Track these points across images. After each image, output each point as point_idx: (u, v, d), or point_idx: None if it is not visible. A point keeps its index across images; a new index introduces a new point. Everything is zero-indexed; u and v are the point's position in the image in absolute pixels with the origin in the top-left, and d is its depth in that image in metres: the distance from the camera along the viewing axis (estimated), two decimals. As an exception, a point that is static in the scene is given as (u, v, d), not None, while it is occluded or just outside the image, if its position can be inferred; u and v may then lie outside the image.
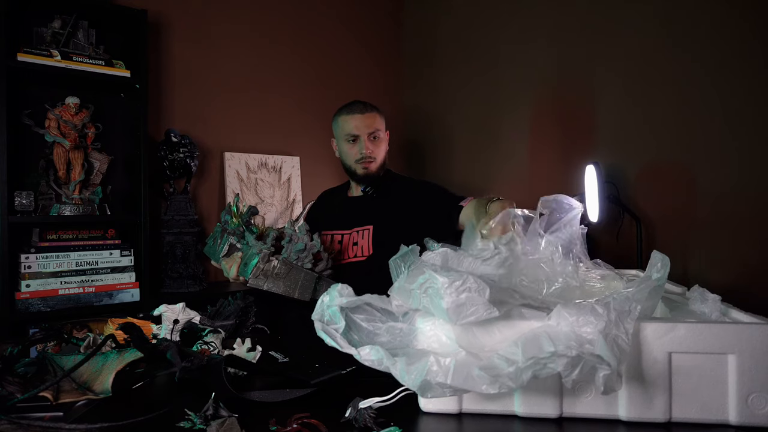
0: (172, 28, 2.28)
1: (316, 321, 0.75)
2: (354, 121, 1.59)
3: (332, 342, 0.72)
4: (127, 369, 0.86)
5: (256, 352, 0.99)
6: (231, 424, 0.68)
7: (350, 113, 1.61)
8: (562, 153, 1.93)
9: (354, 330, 0.77)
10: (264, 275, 1.17)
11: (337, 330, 0.74)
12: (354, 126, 1.59)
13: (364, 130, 1.58)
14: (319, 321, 0.75)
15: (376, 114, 1.62)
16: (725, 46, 1.38)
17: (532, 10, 2.06)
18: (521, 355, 0.65)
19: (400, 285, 0.76)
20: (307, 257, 1.22)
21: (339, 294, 0.76)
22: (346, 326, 0.75)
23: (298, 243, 1.22)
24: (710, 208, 1.42)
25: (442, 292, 0.68)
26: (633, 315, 0.66)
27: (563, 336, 0.66)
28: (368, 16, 2.84)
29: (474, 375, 0.63)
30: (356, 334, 0.76)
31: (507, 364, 0.64)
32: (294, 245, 1.22)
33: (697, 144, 1.46)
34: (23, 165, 1.90)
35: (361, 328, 0.77)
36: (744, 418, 0.66)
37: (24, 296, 1.76)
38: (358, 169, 1.60)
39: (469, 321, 0.68)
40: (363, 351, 0.69)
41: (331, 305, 0.76)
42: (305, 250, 1.22)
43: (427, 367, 0.64)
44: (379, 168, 1.61)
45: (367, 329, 0.77)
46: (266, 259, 1.17)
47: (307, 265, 1.22)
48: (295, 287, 1.20)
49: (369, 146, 1.58)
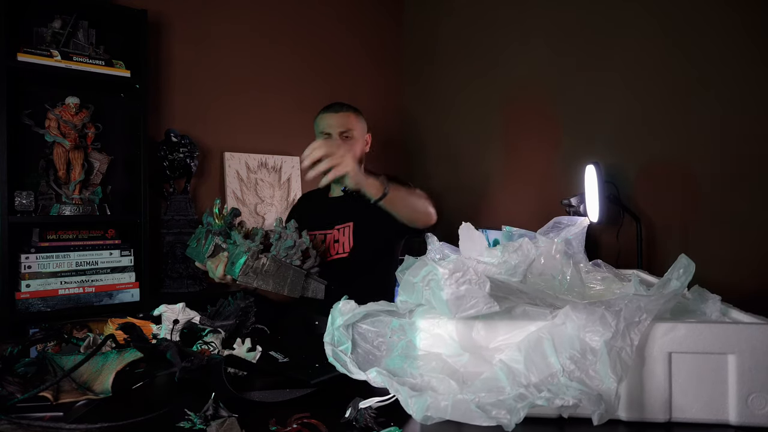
0: (172, 28, 2.28)
1: (327, 345, 0.78)
2: (327, 119, 1.64)
3: (343, 369, 0.75)
4: (127, 369, 0.86)
5: (256, 352, 0.99)
6: (231, 424, 0.68)
7: (326, 111, 1.67)
8: (562, 153, 1.93)
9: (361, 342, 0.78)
10: (253, 272, 1.18)
11: (345, 352, 0.76)
12: (327, 124, 1.64)
13: (336, 128, 1.62)
14: (330, 344, 0.77)
15: (351, 114, 1.66)
16: (725, 46, 1.38)
17: (532, 10, 2.06)
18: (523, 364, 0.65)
19: (406, 278, 0.76)
20: (296, 254, 1.23)
21: (340, 313, 0.78)
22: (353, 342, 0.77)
23: (288, 240, 1.23)
24: (710, 208, 1.42)
25: (442, 284, 0.68)
26: (642, 326, 0.65)
27: (567, 341, 0.66)
28: (368, 16, 2.84)
29: (472, 410, 0.64)
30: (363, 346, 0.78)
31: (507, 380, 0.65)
32: (283, 242, 1.23)
33: (697, 144, 1.46)
34: (23, 165, 1.90)
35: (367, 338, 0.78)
36: (744, 418, 0.66)
37: (24, 296, 1.76)
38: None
39: (468, 314, 0.68)
40: (370, 375, 0.71)
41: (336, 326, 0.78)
42: (294, 246, 1.23)
43: (427, 404, 0.65)
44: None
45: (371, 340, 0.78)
46: (255, 257, 1.18)
47: (296, 262, 1.23)
48: (284, 284, 1.21)
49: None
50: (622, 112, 1.68)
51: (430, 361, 0.71)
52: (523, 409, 0.61)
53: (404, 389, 0.67)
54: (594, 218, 1.54)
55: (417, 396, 0.66)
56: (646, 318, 0.66)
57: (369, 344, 0.78)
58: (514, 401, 0.63)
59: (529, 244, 0.88)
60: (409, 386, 0.68)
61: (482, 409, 0.63)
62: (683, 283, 0.72)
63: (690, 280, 0.72)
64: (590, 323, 0.66)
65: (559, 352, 0.66)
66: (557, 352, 0.66)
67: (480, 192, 2.34)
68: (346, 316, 0.77)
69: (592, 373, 0.64)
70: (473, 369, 0.70)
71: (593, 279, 0.94)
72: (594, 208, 1.54)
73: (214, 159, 2.38)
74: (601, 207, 1.53)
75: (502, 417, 0.62)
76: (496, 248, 0.90)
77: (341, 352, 0.76)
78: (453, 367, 0.70)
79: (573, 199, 1.62)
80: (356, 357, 0.76)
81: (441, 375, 0.68)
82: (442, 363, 0.71)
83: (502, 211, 2.22)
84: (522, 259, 0.85)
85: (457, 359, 0.70)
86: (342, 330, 0.77)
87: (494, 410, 0.62)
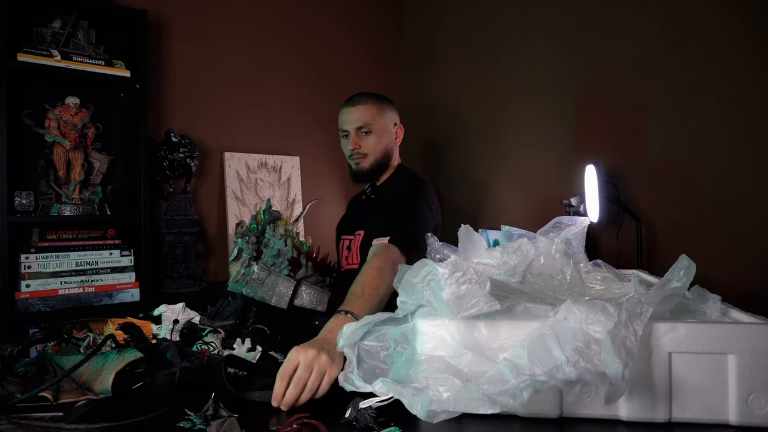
0: (172, 28, 2.28)
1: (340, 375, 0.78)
2: (344, 116, 1.56)
3: (351, 387, 0.75)
4: (127, 369, 0.86)
5: (256, 352, 0.99)
6: (231, 424, 0.68)
7: (344, 106, 1.57)
8: (562, 153, 1.93)
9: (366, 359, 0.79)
10: (243, 280, 1.15)
11: (352, 370, 0.76)
12: (343, 120, 1.55)
13: (352, 124, 1.53)
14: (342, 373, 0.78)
15: (372, 106, 1.53)
16: (725, 46, 1.38)
17: (532, 10, 2.06)
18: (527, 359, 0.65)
19: (405, 278, 0.76)
20: (283, 263, 1.19)
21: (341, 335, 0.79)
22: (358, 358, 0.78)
23: (273, 248, 1.19)
24: (710, 208, 1.42)
25: (443, 283, 0.68)
26: (644, 317, 0.65)
27: (570, 335, 0.66)
28: (368, 16, 2.84)
29: (475, 398, 0.63)
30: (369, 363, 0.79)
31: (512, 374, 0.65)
32: (269, 250, 1.19)
33: (697, 144, 1.46)
34: (23, 165, 1.90)
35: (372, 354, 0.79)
36: (744, 418, 0.66)
37: (24, 296, 1.75)
38: (352, 165, 1.57)
39: (469, 314, 0.68)
40: (376, 387, 0.71)
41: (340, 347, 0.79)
42: (279, 255, 1.19)
43: (429, 398, 0.65)
44: (372, 165, 1.54)
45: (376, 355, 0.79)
46: (246, 264, 1.15)
47: (284, 271, 1.18)
48: (271, 294, 1.16)
49: (355, 141, 1.53)
50: (622, 112, 1.68)
51: (434, 364, 0.71)
52: (526, 390, 0.61)
53: (406, 391, 0.67)
54: (594, 218, 1.54)
55: (419, 394, 0.66)
56: (647, 309, 0.66)
57: (375, 359, 0.78)
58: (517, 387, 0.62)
59: (528, 244, 0.88)
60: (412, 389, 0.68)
61: (486, 395, 0.62)
62: (684, 284, 0.72)
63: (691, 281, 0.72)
64: (592, 315, 0.66)
65: (562, 346, 0.66)
66: (561, 345, 0.66)
67: (480, 192, 2.34)
68: (347, 336, 0.78)
69: (598, 362, 0.63)
70: (477, 368, 0.70)
71: (593, 279, 0.94)
72: (594, 208, 1.54)
73: (214, 159, 2.38)
74: (601, 207, 1.53)
75: (506, 401, 0.61)
76: (495, 249, 0.90)
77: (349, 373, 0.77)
78: (456, 368, 0.70)
79: (573, 199, 1.62)
80: (363, 373, 0.76)
81: (445, 375, 0.68)
82: (445, 365, 0.71)
83: (502, 211, 2.22)
84: (521, 260, 0.84)
85: (460, 360, 0.70)
86: (348, 349, 0.77)
87: (498, 397, 0.62)
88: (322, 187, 2.63)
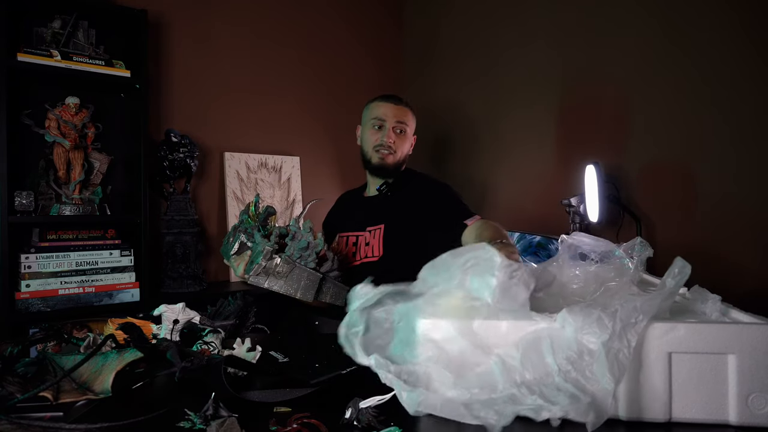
0: (172, 28, 2.28)
1: (341, 327, 0.76)
2: (384, 108, 1.58)
3: (350, 351, 0.74)
4: (127, 369, 0.86)
5: (256, 352, 0.99)
6: (231, 424, 0.68)
7: (384, 100, 1.60)
8: (562, 153, 1.93)
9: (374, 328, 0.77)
10: (265, 273, 1.13)
11: (356, 335, 0.75)
12: (383, 112, 1.57)
13: (392, 118, 1.56)
14: (344, 326, 0.76)
15: (409, 111, 1.61)
16: (725, 46, 1.38)
17: (533, 10, 2.06)
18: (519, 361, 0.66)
19: (444, 257, 0.75)
20: (310, 256, 1.17)
21: (357, 296, 0.77)
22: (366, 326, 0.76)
23: (302, 240, 1.17)
24: (710, 208, 1.42)
25: (496, 270, 0.70)
26: (638, 327, 0.66)
27: (565, 343, 0.67)
28: (368, 17, 2.84)
29: (461, 410, 0.66)
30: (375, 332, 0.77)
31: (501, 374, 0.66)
32: (297, 242, 1.17)
33: (696, 144, 1.46)
34: (23, 165, 1.90)
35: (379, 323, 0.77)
36: (744, 418, 0.66)
37: (24, 296, 1.76)
38: (374, 158, 1.56)
39: (503, 307, 0.70)
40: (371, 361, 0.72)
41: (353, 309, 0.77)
42: (308, 248, 1.17)
43: (419, 400, 0.68)
44: (396, 163, 1.57)
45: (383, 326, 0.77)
46: (269, 257, 1.13)
47: (311, 264, 1.17)
48: (297, 287, 1.15)
49: (392, 136, 1.55)
50: (623, 112, 1.68)
51: (428, 350, 0.72)
52: (511, 415, 0.63)
53: (399, 382, 0.69)
54: (594, 218, 1.54)
55: (410, 391, 0.68)
56: (642, 319, 0.66)
57: (381, 329, 0.77)
58: (503, 403, 0.64)
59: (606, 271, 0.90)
60: (405, 374, 0.70)
61: (470, 409, 0.65)
62: (678, 282, 0.72)
63: (685, 281, 0.72)
64: (587, 325, 0.66)
65: (556, 353, 0.67)
66: (554, 352, 0.67)
67: (480, 192, 2.34)
68: (362, 300, 0.76)
69: (589, 374, 0.65)
70: (470, 359, 0.70)
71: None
72: (594, 208, 1.54)
73: (214, 159, 2.38)
74: (601, 207, 1.53)
75: (489, 418, 0.63)
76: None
77: (352, 335, 0.74)
78: (449, 357, 0.70)
79: (573, 199, 1.62)
80: (366, 341, 0.75)
81: (437, 365, 0.70)
82: (439, 351, 0.71)
83: (502, 211, 2.22)
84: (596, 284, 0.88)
85: (454, 348, 0.71)
86: (357, 313, 0.76)
87: (483, 411, 0.64)
88: (322, 187, 2.63)
